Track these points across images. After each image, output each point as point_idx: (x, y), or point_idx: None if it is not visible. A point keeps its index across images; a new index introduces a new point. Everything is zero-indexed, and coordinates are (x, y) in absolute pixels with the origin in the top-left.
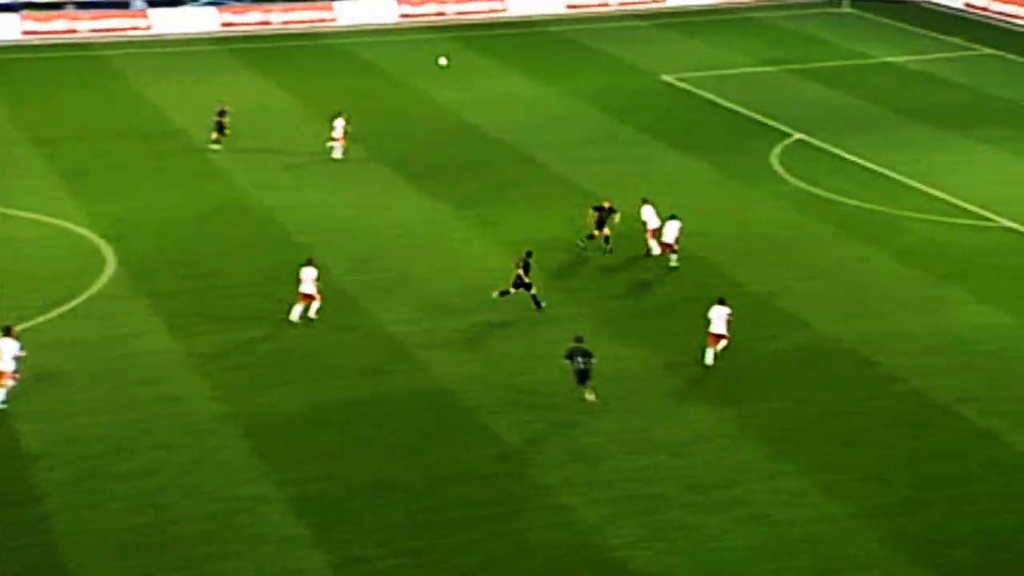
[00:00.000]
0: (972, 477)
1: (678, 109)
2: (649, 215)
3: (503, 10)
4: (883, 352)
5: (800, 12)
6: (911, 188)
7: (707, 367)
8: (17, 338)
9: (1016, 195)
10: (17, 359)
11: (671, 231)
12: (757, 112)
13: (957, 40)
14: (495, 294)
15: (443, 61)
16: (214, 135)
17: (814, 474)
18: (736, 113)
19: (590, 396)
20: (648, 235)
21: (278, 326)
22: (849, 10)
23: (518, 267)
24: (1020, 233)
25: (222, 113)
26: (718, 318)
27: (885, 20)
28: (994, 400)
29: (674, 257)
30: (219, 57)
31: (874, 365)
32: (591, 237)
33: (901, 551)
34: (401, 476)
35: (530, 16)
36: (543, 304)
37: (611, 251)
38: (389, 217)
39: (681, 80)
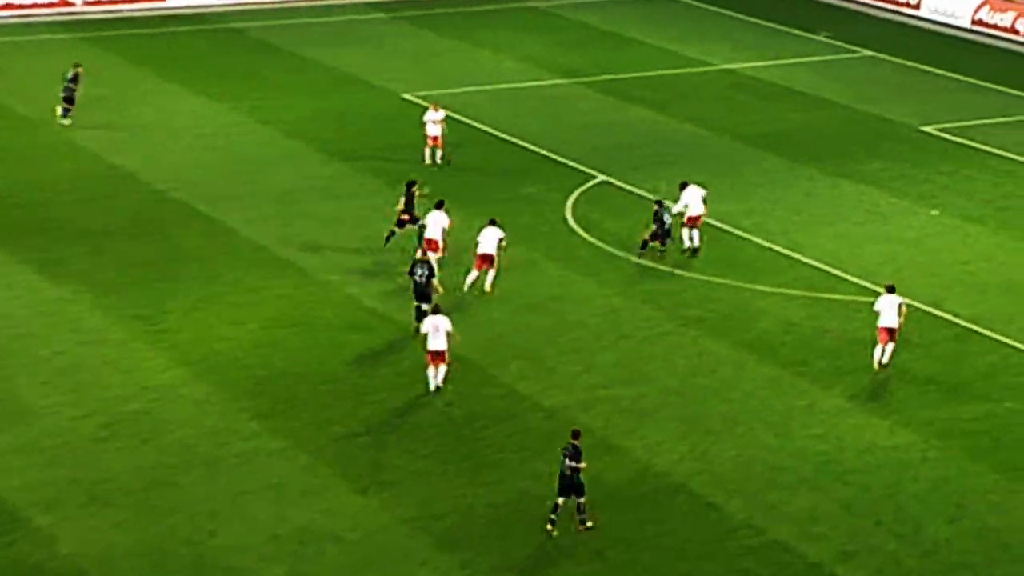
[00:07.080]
0: None
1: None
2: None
3: None
4: (727, 489)
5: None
6: (763, 249)
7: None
8: None
9: (909, 257)
10: None
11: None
12: (543, 145)
13: (825, 38)
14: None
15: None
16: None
17: None
18: (513, 145)
19: None
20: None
21: None
22: None
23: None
24: (920, 311)
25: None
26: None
27: (726, 11)
28: (892, 557)
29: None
30: None
31: (714, 508)
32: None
33: None
34: None
35: (202, 7)
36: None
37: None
38: None
39: (431, 99)
